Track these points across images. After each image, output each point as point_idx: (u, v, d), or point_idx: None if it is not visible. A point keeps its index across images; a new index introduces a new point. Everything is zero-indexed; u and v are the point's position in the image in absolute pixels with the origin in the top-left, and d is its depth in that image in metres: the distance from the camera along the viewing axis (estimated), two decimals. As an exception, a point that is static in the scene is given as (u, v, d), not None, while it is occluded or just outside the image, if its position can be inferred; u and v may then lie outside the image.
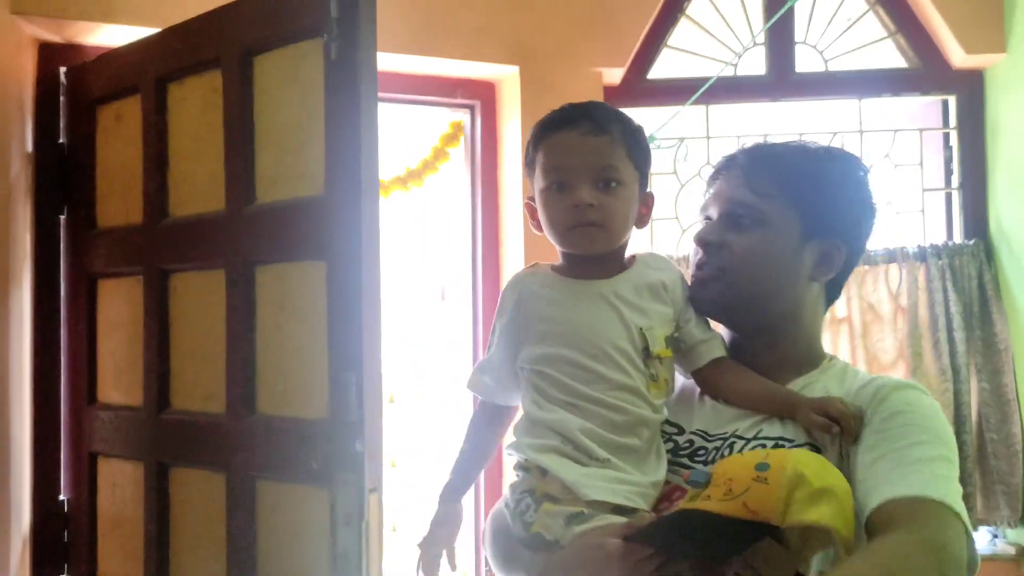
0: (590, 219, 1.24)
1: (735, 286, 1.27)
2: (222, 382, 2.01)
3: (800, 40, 3.21)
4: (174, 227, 2.15)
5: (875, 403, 1.18)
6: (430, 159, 3.09)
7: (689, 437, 1.29)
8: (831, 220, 1.29)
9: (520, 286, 1.32)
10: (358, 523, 1.70)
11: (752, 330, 1.31)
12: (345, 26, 1.72)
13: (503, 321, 1.32)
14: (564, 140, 1.27)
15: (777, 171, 1.28)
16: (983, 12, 3.03)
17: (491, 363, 1.34)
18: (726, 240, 1.28)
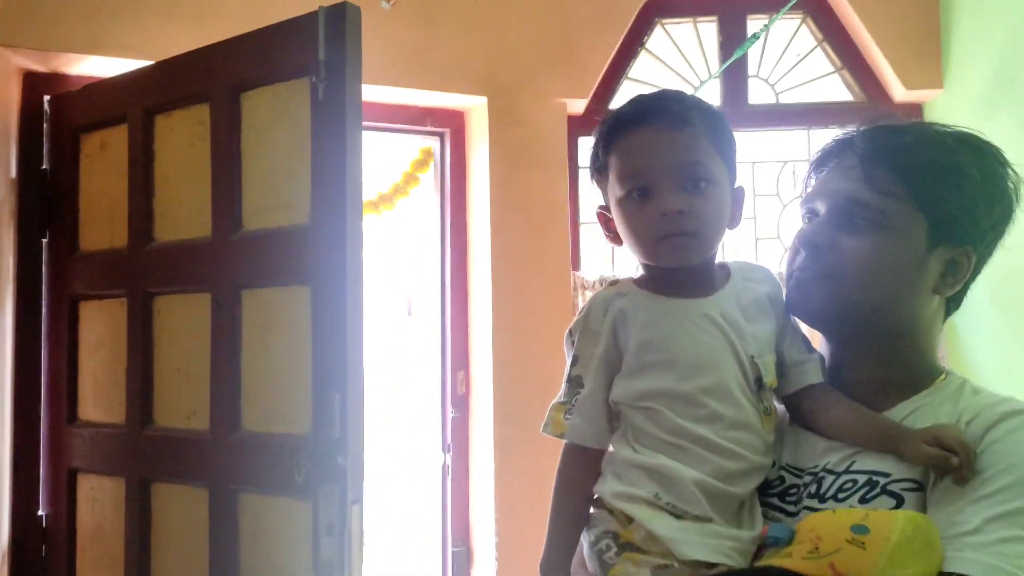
0: (681, 228, 1.08)
1: (845, 293, 1.11)
2: (206, 400, 2.11)
3: (753, 74, 3.40)
4: (159, 251, 2.24)
5: (979, 434, 1.01)
6: (401, 183, 3.22)
7: (779, 473, 1.14)
8: (964, 225, 1.11)
9: (613, 308, 1.12)
10: (340, 533, 1.81)
11: (858, 345, 1.14)
12: (332, 68, 1.85)
13: (598, 350, 1.12)
14: (640, 139, 1.10)
15: (903, 165, 1.10)
16: (921, 51, 3.24)
17: (587, 402, 1.12)
18: (838, 242, 1.11)
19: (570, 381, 1.14)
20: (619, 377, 1.12)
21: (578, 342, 1.14)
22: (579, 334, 1.14)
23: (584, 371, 1.13)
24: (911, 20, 3.21)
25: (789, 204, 3.38)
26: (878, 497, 1.02)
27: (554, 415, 1.14)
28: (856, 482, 1.05)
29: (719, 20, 3.37)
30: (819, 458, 1.11)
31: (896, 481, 1.02)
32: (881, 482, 1.03)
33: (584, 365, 1.13)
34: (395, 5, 2.90)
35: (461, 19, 3.04)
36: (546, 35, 3.15)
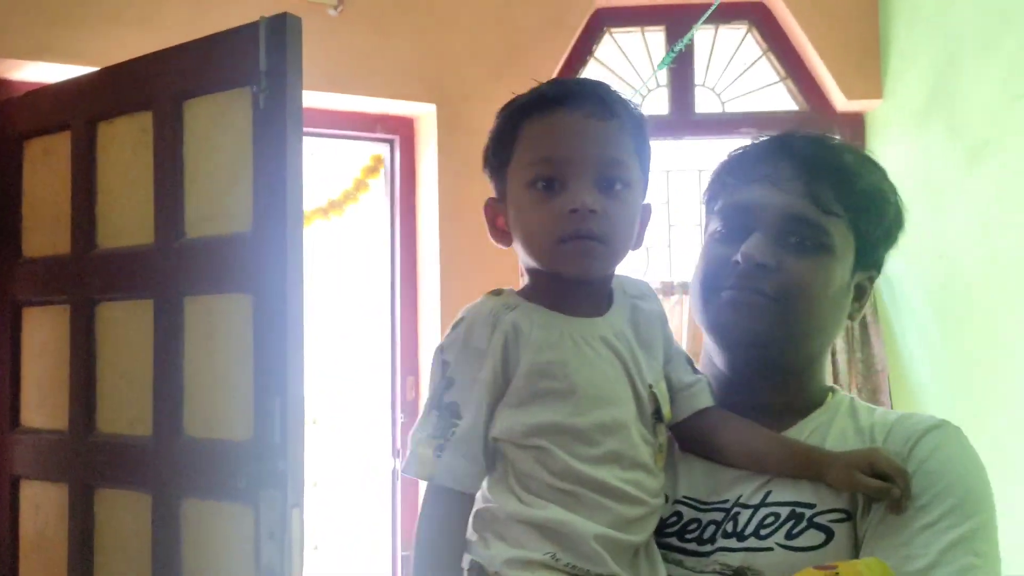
0: (591, 230, 0.92)
1: (789, 319, 1.02)
2: (148, 406, 2.12)
3: (700, 83, 3.46)
4: (102, 258, 2.25)
5: (904, 453, 0.96)
6: (351, 190, 3.24)
7: (675, 509, 1.02)
8: (879, 251, 1.08)
9: (503, 323, 0.94)
10: (281, 537, 1.83)
11: (768, 371, 1.06)
12: (273, 79, 1.87)
13: (482, 374, 0.93)
14: (561, 122, 0.95)
15: (844, 184, 1.03)
16: (861, 62, 3.32)
17: (467, 438, 0.92)
18: (782, 263, 1.02)
19: (442, 409, 0.93)
20: (504, 407, 0.93)
21: (455, 362, 0.94)
22: (457, 353, 0.94)
23: (463, 398, 0.93)
24: (851, 32, 3.29)
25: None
26: (806, 531, 0.94)
27: (421, 452, 0.92)
28: (778, 516, 0.95)
29: (666, 29, 3.43)
30: (727, 490, 1.00)
31: (823, 512, 0.94)
32: (807, 514, 0.95)
33: (462, 391, 0.93)
34: (343, 12, 2.92)
35: (410, 27, 3.06)
36: (495, 43, 3.19)
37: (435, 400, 0.95)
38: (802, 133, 1.10)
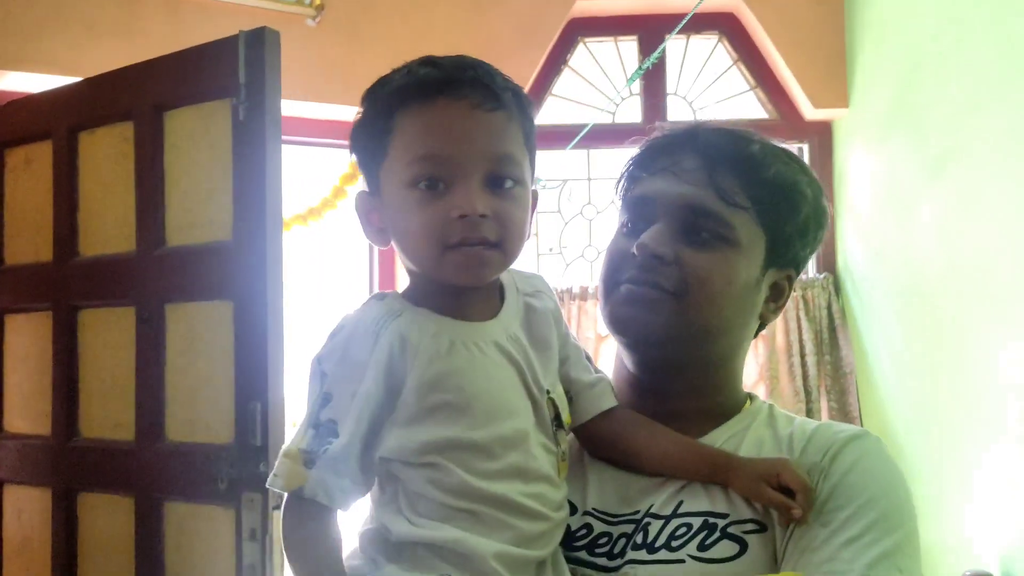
0: (481, 236, 0.84)
1: (688, 314, 0.96)
2: (131, 411, 2.16)
3: (672, 92, 3.54)
4: (84, 265, 2.28)
5: (824, 464, 0.92)
6: (330, 197, 3.28)
7: (584, 520, 0.96)
8: (795, 247, 1.03)
9: (387, 333, 0.86)
10: (262, 538, 1.88)
11: (677, 372, 1.01)
12: (253, 91, 1.92)
13: (362, 388, 0.84)
14: (443, 114, 0.85)
15: (751, 177, 0.98)
16: (828, 72, 3.41)
17: (343, 457, 0.83)
18: (680, 255, 0.96)
19: (319, 428, 0.84)
20: (391, 425, 0.85)
21: (333, 375, 0.85)
22: (335, 364, 0.86)
23: (340, 414, 0.84)
24: (819, 43, 3.38)
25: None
26: (719, 542, 0.89)
27: (290, 466, 0.83)
28: (690, 526, 0.91)
29: (639, 39, 3.51)
30: (638, 501, 0.95)
31: (737, 523, 0.90)
32: (720, 524, 0.90)
33: (340, 406, 0.84)
34: (321, 22, 2.97)
35: (386, 36, 3.12)
36: (471, 51, 3.17)
37: (311, 417, 0.85)
38: (712, 125, 1.05)
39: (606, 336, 3.26)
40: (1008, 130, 2.36)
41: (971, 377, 2.54)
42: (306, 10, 2.92)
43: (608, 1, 3.39)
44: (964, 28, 2.62)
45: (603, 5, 3.40)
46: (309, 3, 2.91)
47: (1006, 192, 2.37)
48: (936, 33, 2.79)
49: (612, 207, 3.43)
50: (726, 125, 1.05)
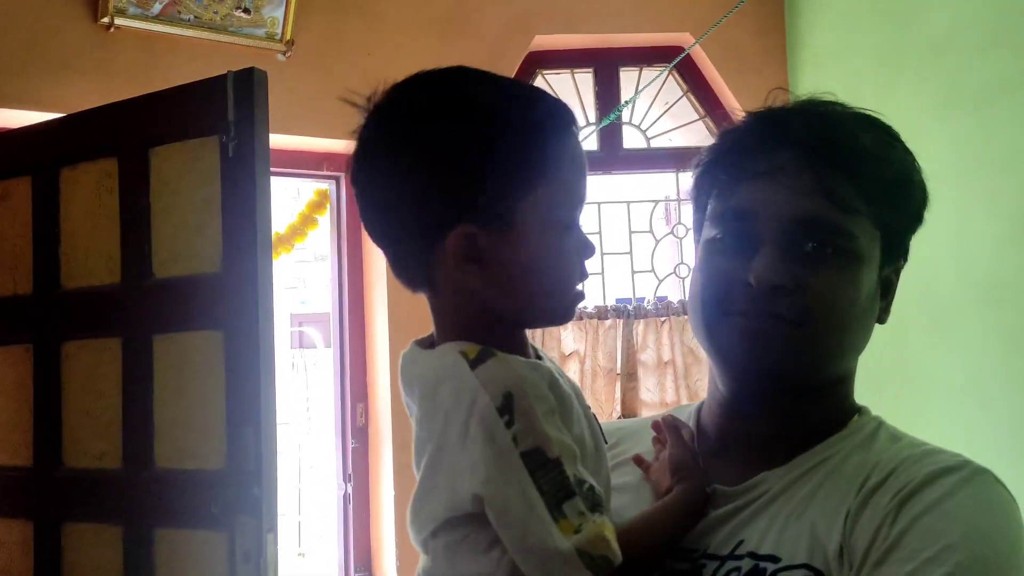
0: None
1: (816, 344, 0.86)
2: (117, 441, 2.19)
3: (626, 121, 3.70)
4: (66, 298, 2.32)
5: (893, 505, 0.78)
6: (298, 224, 3.35)
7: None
8: (908, 238, 0.92)
9: (544, 374, 0.80)
10: (257, 561, 1.94)
11: (789, 398, 0.90)
12: (242, 128, 2.00)
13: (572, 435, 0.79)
14: (583, 153, 0.87)
15: (865, 175, 0.86)
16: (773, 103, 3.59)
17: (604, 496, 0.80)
18: (801, 281, 0.85)
19: (585, 496, 0.75)
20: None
21: (544, 440, 0.75)
22: (537, 432, 0.75)
23: (575, 470, 0.76)
24: (762, 75, 3.56)
25: (661, 239, 3.68)
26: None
27: (604, 542, 0.74)
28: (740, 570, 0.82)
29: (595, 71, 3.66)
30: (698, 539, 0.87)
31: (788, 568, 0.80)
32: (769, 569, 0.80)
33: (571, 459, 0.76)
34: (291, 57, 3.05)
35: (355, 70, 3.21)
36: (435, 85, 3.35)
37: (561, 491, 0.74)
38: (800, 107, 0.92)
39: (570, 354, 3.38)
40: (944, 158, 2.55)
41: (914, 389, 2.71)
42: (276, 45, 3.00)
43: (565, 36, 3.54)
44: (899, 63, 2.82)
45: (560, 40, 3.55)
46: (279, 39, 2.99)
47: (943, 215, 2.55)
48: (871, 68, 2.99)
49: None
50: (817, 106, 0.92)
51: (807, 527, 0.81)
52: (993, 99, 2.34)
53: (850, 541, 0.78)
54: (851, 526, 0.79)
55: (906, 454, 0.84)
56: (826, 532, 0.80)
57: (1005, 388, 2.31)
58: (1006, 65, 2.30)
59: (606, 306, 3.46)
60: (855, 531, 0.79)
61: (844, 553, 0.78)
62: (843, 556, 0.78)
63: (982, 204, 2.40)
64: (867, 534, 0.78)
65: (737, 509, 0.87)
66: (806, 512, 0.83)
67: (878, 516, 0.78)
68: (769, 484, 0.87)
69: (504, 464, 0.75)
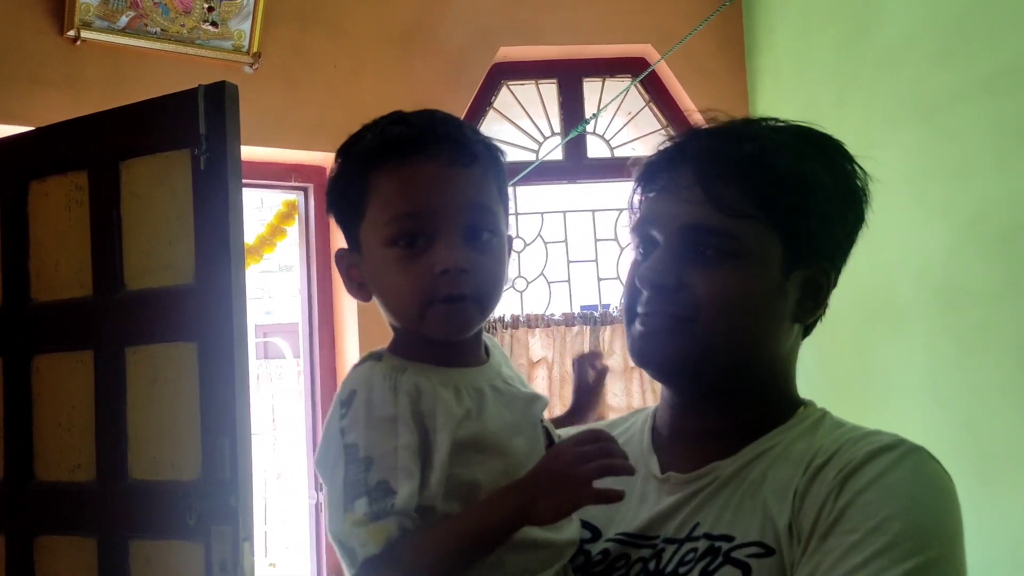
0: (461, 291, 0.86)
1: (702, 338, 0.92)
2: (90, 452, 2.20)
3: (590, 131, 3.76)
4: (37, 311, 2.32)
5: (836, 483, 0.84)
6: (267, 235, 3.36)
7: (604, 547, 0.96)
8: (820, 241, 0.95)
9: (403, 385, 0.86)
10: (234, 569, 1.95)
11: (711, 393, 0.97)
12: (213, 141, 2.02)
13: (401, 441, 0.84)
14: (418, 172, 0.87)
15: (751, 179, 0.91)
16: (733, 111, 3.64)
17: (410, 507, 0.83)
18: (686, 278, 0.92)
19: (371, 493, 0.82)
20: (429, 479, 0.84)
21: (366, 440, 0.83)
22: (364, 430, 0.84)
23: (388, 473, 0.82)
24: (722, 87, 3.65)
25: (627, 247, 3.74)
26: (721, 568, 0.85)
27: (364, 532, 0.81)
28: (696, 551, 0.87)
29: (558, 82, 3.72)
30: (659, 525, 0.93)
31: (741, 547, 0.85)
32: (723, 548, 0.85)
33: (385, 465, 0.82)
34: (258, 70, 3.07)
35: (320, 82, 3.24)
36: (401, 96, 3.38)
37: (357, 487, 0.82)
38: (706, 128, 0.99)
39: (538, 361, 3.42)
40: (899, 166, 2.63)
41: (873, 389, 2.79)
42: (243, 58, 3.02)
43: (529, 48, 3.59)
44: (854, 75, 2.91)
45: (524, 51, 3.60)
46: (246, 51, 3.01)
47: (900, 221, 2.64)
48: (828, 80, 3.08)
49: (539, 240, 3.61)
50: (726, 122, 0.99)
51: (758, 507, 0.87)
52: (945, 108, 2.43)
53: (799, 517, 0.84)
54: (799, 503, 0.85)
55: (848, 436, 0.89)
56: (776, 510, 0.86)
57: (959, 387, 2.40)
58: (957, 75, 2.39)
59: (573, 313, 3.52)
60: (803, 508, 0.84)
61: (793, 529, 0.84)
62: (792, 531, 0.84)
63: (937, 211, 2.49)
64: (814, 510, 0.83)
65: (691, 495, 0.93)
66: (757, 494, 0.88)
67: (823, 493, 0.83)
68: (720, 471, 0.93)
69: (330, 447, 0.86)
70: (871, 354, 2.82)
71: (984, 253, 2.29)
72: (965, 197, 2.36)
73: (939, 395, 2.49)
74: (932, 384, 2.52)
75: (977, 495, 2.37)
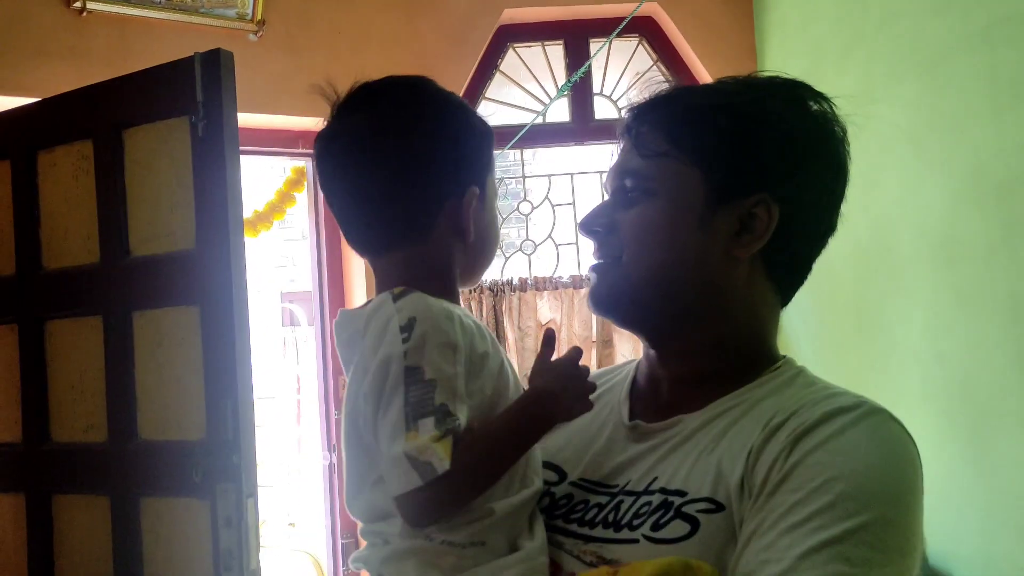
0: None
1: (625, 274, 0.96)
2: (102, 414, 2.27)
3: (597, 92, 3.75)
4: (49, 278, 2.38)
5: (788, 442, 0.84)
6: (276, 202, 3.41)
7: (568, 490, 0.99)
8: (751, 173, 0.94)
9: (458, 315, 0.93)
10: (238, 524, 2.02)
11: (661, 332, 1.00)
12: (210, 108, 2.06)
13: (459, 369, 0.90)
14: None
15: (664, 119, 0.95)
16: (739, 70, 3.55)
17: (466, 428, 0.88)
18: (615, 221, 0.98)
19: (436, 413, 0.86)
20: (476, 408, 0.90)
21: (429, 363, 0.87)
22: (429, 352, 0.88)
23: (450, 397, 0.87)
24: (730, 44, 3.62)
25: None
26: (671, 522, 0.86)
27: (439, 448, 0.84)
28: (651, 504, 0.89)
29: (564, 43, 3.71)
30: (618, 474, 0.96)
31: (692, 502, 0.86)
32: (675, 503, 0.87)
33: (448, 389, 0.87)
34: (262, 38, 3.10)
35: (325, 49, 3.26)
36: (406, 60, 3.40)
37: (423, 407, 0.86)
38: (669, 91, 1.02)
39: (546, 323, 3.46)
40: (899, 120, 2.62)
41: (874, 345, 2.80)
42: (248, 26, 3.05)
43: (535, 9, 3.58)
44: (858, 29, 2.88)
45: (530, 13, 3.59)
46: (250, 19, 3.03)
47: (899, 176, 2.63)
48: (832, 34, 3.05)
49: (546, 203, 3.62)
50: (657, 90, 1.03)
51: (714, 463, 0.88)
52: (944, 60, 2.41)
53: (751, 475, 0.84)
54: (753, 461, 0.85)
55: (810, 397, 0.89)
56: (730, 467, 0.86)
57: (958, 341, 2.40)
58: (955, 27, 2.36)
59: (581, 275, 3.54)
60: (756, 466, 0.84)
61: (745, 486, 0.84)
62: (744, 489, 0.84)
63: (936, 164, 2.47)
64: (764, 468, 0.84)
65: (654, 447, 0.94)
66: (715, 450, 0.89)
67: (775, 451, 0.84)
68: (685, 425, 0.94)
69: (387, 369, 0.88)
70: (870, 310, 2.82)
71: (982, 206, 2.28)
72: (963, 150, 2.34)
73: (938, 350, 2.49)
74: (931, 338, 2.52)
75: (974, 449, 2.39)
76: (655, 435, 0.95)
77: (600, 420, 1.02)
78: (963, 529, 2.42)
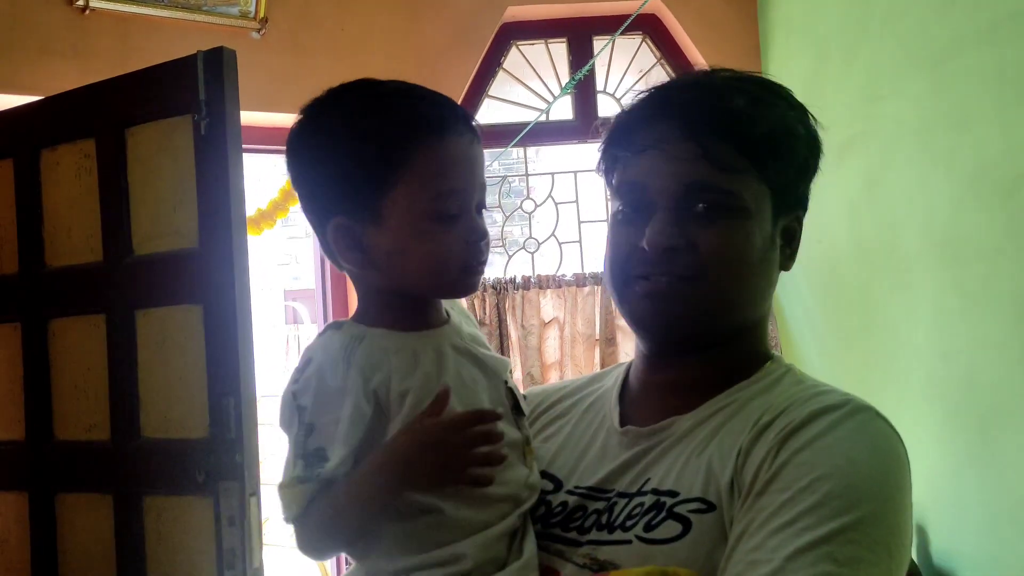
0: (486, 257, 0.96)
1: (713, 295, 0.93)
2: (105, 413, 2.27)
3: (601, 89, 3.74)
4: (52, 277, 2.38)
5: (776, 441, 0.85)
6: (279, 200, 3.40)
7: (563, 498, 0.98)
8: (799, 190, 0.99)
9: (357, 356, 0.91)
10: (241, 523, 2.02)
11: (705, 347, 0.98)
12: (213, 106, 2.05)
13: (344, 413, 0.89)
14: (458, 149, 0.93)
15: (743, 135, 0.92)
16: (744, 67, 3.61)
17: (337, 475, 0.89)
18: (693, 239, 0.93)
19: (308, 457, 0.89)
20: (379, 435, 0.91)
21: (312, 407, 0.90)
22: (313, 397, 0.90)
23: (326, 441, 0.89)
24: (734, 41, 3.61)
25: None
26: (664, 523, 0.87)
27: (290, 493, 0.89)
28: (643, 505, 0.89)
29: (568, 41, 3.71)
30: (614, 479, 0.95)
31: (684, 502, 0.87)
32: (667, 504, 0.87)
33: (325, 434, 0.89)
34: (265, 36, 3.10)
35: (328, 47, 3.26)
36: (409, 58, 3.40)
37: (298, 448, 0.90)
38: (682, 81, 1.03)
39: (549, 322, 3.45)
40: (904, 117, 2.61)
41: (880, 347, 2.79)
42: (250, 23, 3.05)
43: (538, 7, 3.58)
44: (862, 26, 2.87)
45: (533, 10, 3.59)
46: (253, 17, 3.03)
47: (904, 174, 2.62)
48: (838, 32, 3.04)
49: (550, 201, 3.61)
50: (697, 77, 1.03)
51: (704, 464, 0.89)
52: (949, 57, 2.40)
53: (740, 475, 0.86)
54: (742, 461, 0.86)
55: (798, 395, 0.90)
56: (720, 467, 0.87)
57: (963, 339, 2.39)
58: (961, 24, 2.35)
59: (584, 273, 3.53)
60: (745, 466, 0.86)
61: (735, 486, 0.85)
62: (734, 489, 0.85)
63: (941, 162, 2.46)
64: (753, 468, 0.85)
65: (646, 450, 0.95)
66: (706, 450, 0.90)
67: (763, 451, 0.85)
68: (678, 426, 0.95)
69: (285, 408, 0.93)
70: (875, 308, 2.81)
71: (987, 205, 2.27)
72: (968, 148, 2.33)
73: (943, 349, 2.48)
74: (936, 338, 2.51)
75: (979, 448, 2.38)
76: (647, 438, 0.96)
77: (593, 427, 1.03)
78: (967, 527, 2.41)
